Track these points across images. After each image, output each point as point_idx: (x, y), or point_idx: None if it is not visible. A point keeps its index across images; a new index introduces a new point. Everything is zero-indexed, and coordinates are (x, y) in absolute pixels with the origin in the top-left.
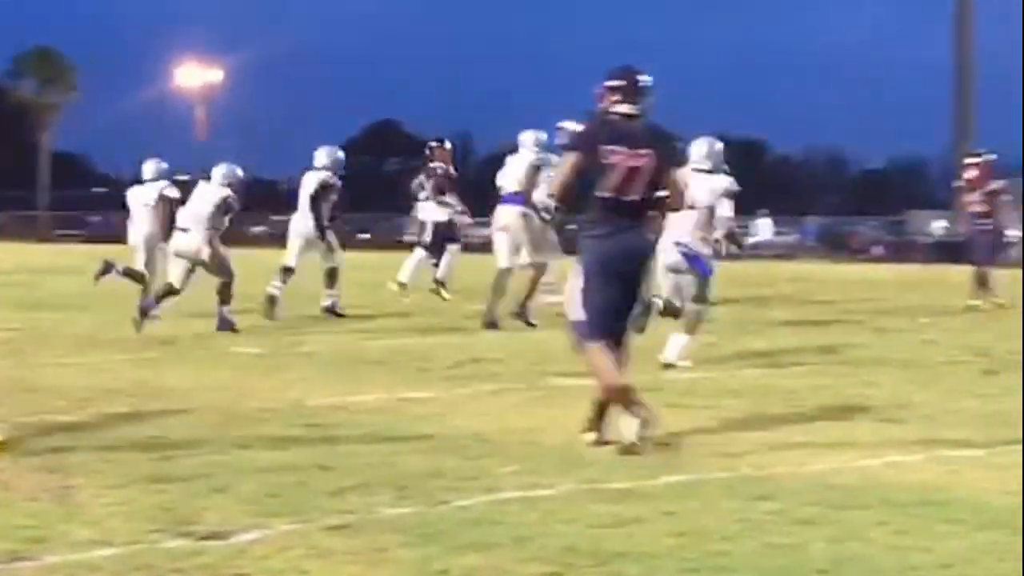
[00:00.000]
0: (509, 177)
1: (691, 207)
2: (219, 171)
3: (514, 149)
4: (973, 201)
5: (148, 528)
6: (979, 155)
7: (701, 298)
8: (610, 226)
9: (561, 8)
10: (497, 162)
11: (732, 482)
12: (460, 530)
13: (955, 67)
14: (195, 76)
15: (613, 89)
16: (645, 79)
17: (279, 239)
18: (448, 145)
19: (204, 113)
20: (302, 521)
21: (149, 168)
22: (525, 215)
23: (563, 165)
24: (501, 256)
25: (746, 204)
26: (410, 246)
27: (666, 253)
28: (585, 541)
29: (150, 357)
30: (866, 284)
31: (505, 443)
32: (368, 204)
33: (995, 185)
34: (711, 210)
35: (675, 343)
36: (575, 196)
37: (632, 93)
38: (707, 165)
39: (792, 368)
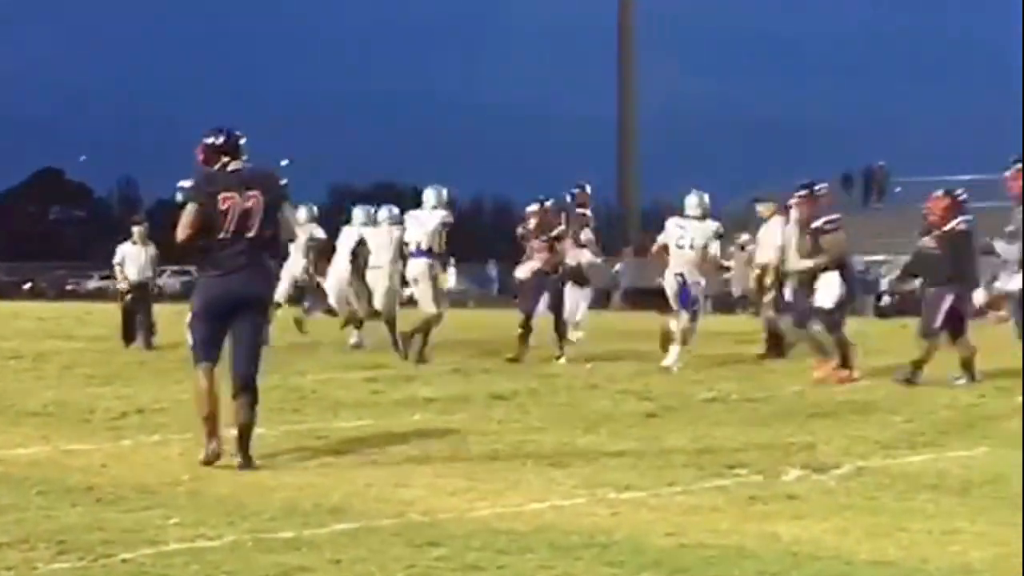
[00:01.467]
0: (416, 232)
1: (685, 247)
2: (383, 213)
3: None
4: (537, 248)
5: None
6: (541, 201)
7: (692, 319)
8: (222, 268)
9: (214, 55)
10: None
11: (400, 529)
12: None
13: (619, 120)
14: None
15: (217, 147)
16: (242, 138)
17: None
18: (588, 189)
19: None
20: None
21: (300, 213)
22: (431, 266)
23: (186, 215)
24: (427, 304)
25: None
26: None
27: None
28: None
29: None
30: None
31: (169, 494)
32: (34, 254)
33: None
34: (704, 250)
35: (672, 352)
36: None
37: (235, 149)
38: (698, 213)
39: (459, 414)
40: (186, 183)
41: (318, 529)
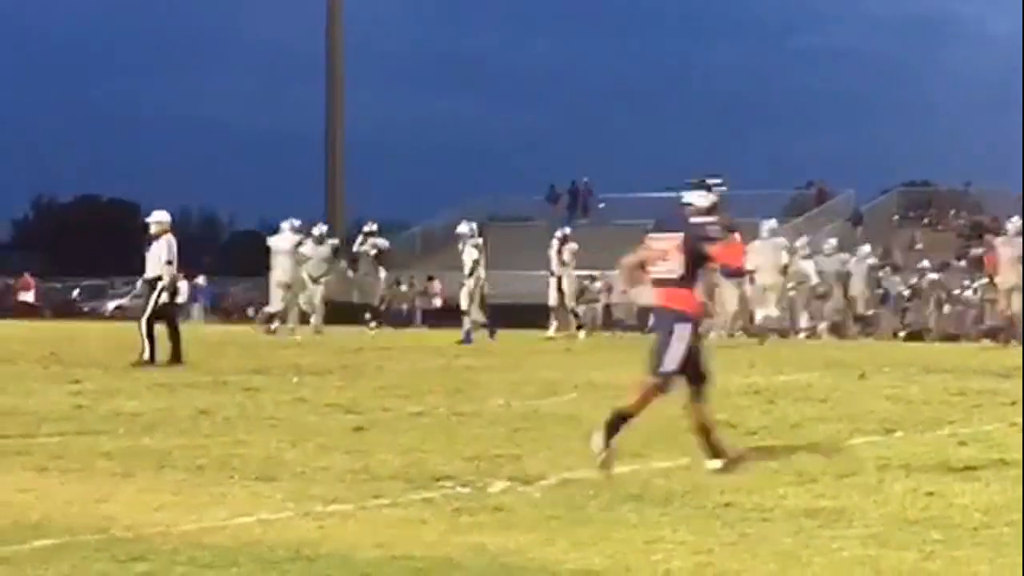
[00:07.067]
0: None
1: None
2: None
3: None
4: None
5: None
6: None
7: None
8: None
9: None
10: None
11: (103, 544)
12: None
13: (326, 137)
14: None
15: None
16: None
17: None
18: None
19: None
20: None
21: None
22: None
23: None
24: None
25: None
26: None
27: None
28: None
29: None
30: (238, 344)
31: None
32: None
33: None
34: None
35: None
36: None
37: None
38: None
39: (164, 429)
40: None
41: (18, 546)
